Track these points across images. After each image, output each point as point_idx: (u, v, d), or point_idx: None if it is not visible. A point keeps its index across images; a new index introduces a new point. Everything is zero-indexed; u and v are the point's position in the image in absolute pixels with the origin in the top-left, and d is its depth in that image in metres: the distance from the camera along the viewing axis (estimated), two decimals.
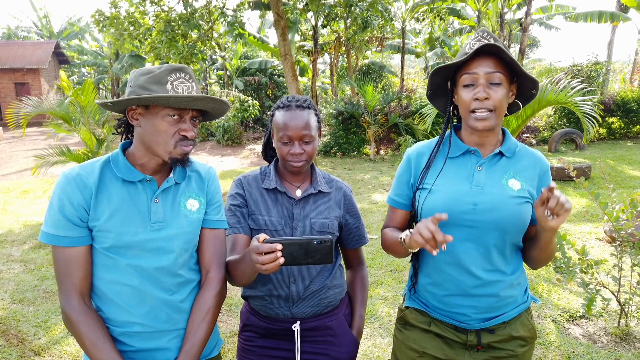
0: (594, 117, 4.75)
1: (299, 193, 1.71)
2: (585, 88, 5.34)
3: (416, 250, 1.46)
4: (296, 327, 1.69)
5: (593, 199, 3.12)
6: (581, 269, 3.15)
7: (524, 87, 1.52)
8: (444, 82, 1.59)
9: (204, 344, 1.48)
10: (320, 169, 1.81)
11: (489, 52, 1.42)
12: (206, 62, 20.34)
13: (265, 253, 1.22)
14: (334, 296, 1.75)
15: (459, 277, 1.52)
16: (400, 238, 1.48)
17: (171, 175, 1.48)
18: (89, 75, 32.60)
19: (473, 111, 1.45)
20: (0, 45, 24.87)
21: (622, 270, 3.25)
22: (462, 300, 1.55)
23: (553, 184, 1.28)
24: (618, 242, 3.20)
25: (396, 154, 12.93)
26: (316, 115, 1.68)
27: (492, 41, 1.42)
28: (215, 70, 21.49)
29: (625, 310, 3.36)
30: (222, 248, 1.57)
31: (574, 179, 3.22)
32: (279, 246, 1.22)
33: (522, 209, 1.48)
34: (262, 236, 1.26)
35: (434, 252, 1.29)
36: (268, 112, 19.53)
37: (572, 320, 3.58)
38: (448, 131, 1.62)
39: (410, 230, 1.47)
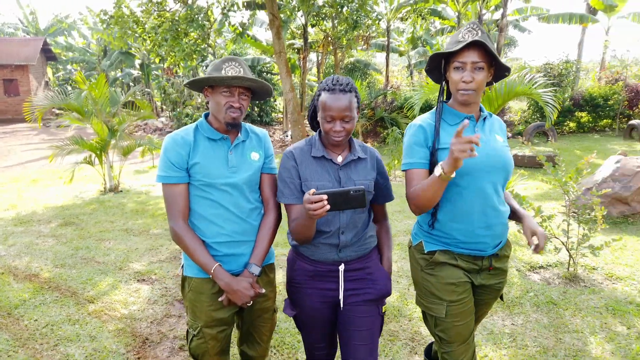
0: (554, 106, 5.54)
1: (340, 159, 1.99)
2: (548, 81, 6.14)
3: (452, 176, 1.67)
4: (341, 268, 2.01)
5: (552, 176, 3.94)
6: (539, 223, 3.95)
7: (499, 71, 1.95)
8: (439, 62, 1.99)
9: (267, 251, 2.14)
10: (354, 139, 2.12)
11: (477, 44, 1.80)
12: (196, 60, 20.76)
13: (315, 202, 1.63)
14: (369, 243, 2.07)
15: (485, 210, 1.90)
16: (439, 170, 1.67)
17: (240, 135, 2.15)
18: (75, 72, 32.59)
19: (460, 90, 1.86)
20: None
21: (569, 225, 4.07)
22: (485, 231, 1.92)
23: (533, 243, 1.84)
24: (566, 200, 4.02)
25: (382, 146, 13.67)
26: (356, 97, 1.92)
27: (480, 33, 1.81)
28: (204, 67, 21.92)
29: (574, 258, 4.17)
30: (276, 186, 2.18)
31: (542, 164, 4.02)
32: (325, 196, 1.63)
33: (510, 154, 1.99)
34: (312, 190, 1.65)
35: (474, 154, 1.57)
36: (256, 109, 20.16)
37: (532, 270, 4.38)
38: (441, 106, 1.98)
39: (442, 165, 1.67)
